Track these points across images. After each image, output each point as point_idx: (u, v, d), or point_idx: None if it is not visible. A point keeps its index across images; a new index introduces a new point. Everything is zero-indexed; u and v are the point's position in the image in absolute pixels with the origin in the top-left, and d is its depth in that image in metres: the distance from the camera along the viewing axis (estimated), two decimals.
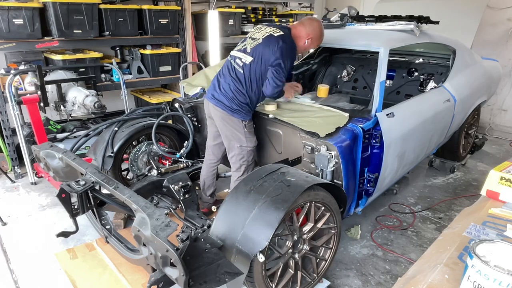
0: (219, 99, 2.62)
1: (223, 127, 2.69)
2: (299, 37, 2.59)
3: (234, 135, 2.66)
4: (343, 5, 3.82)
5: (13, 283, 2.50)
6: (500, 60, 4.74)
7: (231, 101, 2.57)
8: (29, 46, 3.93)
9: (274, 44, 2.47)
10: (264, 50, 2.49)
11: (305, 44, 2.62)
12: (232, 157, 2.77)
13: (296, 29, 2.60)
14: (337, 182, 2.44)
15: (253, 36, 2.63)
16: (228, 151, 2.80)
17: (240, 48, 2.67)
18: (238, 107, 2.58)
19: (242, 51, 2.62)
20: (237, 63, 2.61)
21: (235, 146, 2.69)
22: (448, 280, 1.24)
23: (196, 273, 1.68)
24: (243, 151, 2.69)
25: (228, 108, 2.58)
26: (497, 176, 1.73)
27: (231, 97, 2.58)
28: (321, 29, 2.64)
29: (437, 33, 3.39)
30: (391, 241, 2.98)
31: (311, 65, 4.34)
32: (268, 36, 2.53)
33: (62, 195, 2.28)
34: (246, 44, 2.63)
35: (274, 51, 2.46)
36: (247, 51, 2.58)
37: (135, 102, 5.58)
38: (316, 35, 2.61)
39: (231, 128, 2.65)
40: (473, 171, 4.32)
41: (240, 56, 2.61)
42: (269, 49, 2.48)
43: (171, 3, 5.07)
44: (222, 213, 2.02)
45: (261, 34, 2.58)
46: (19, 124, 3.65)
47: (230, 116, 2.60)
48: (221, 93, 2.62)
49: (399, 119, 2.72)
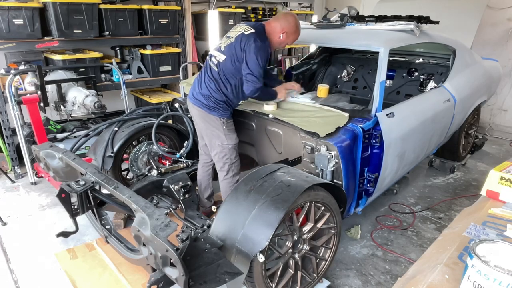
0: (197, 98, 2.65)
1: (203, 125, 2.71)
2: (273, 33, 2.59)
3: (214, 133, 2.68)
4: (343, 5, 3.82)
5: (13, 283, 2.50)
6: (500, 60, 4.73)
7: (208, 99, 2.60)
8: (29, 46, 3.93)
9: (244, 42, 2.49)
10: (236, 48, 2.52)
11: (280, 38, 2.60)
12: (214, 156, 2.77)
13: (270, 25, 2.61)
14: (337, 182, 2.44)
15: (229, 34, 2.67)
16: (210, 150, 2.80)
17: (216, 47, 2.71)
18: (214, 104, 2.60)
19: (217, 50, 2.66)
20: (212, 61, 2.66)
21: (216, 144, 2.70)
22: (448, 280, 1.24)
23: (196, 273, 1.68)
24: (224, 149, 2.69)
25: (205, 106, 2.61)
26: (497, 176, 1.73)
27: (207, 95, 2.60)
28: (296, 23, 2.62)
29: (437, 33, 3.38)
30: (391, 241, 2.98)
31: (311, 65, 4.34)
32: (240, 34, 2.56)
33: (62, 195, 2.28)
34: (222, 43, 2.67)
35: (244, 49, 2.49)
36: (221, 49, 2.62)
37: (135, 102, 5.58)
38: (290, 29, 2.60)
39: (210, 126, 2.67)
40: (473, 171, 4.32)
41: (215, 55, 2.66)
42: (240, 47, 2.50)
43: (171, 3, 5.07)
44: (222, 213, 2.02)
45: (235, 33, 2.61)
46: (19, 124, 3.65)
47: (208, 114, 2.62)
48: (199, 92, 2.65)
49: (399, 119, 2.72)
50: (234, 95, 2.63)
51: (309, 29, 3.51)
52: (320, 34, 3.27)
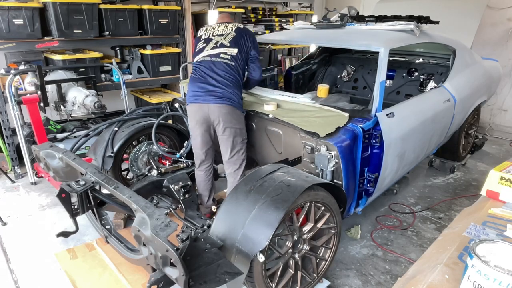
0: (222, 96, 2.63)
1: (229, 123, 2.67)
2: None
3: (239, 130, 2.72)
4: (343, 5, 3.82)
5: (13, 283, 2.50)
6: (500, 60, 4.73)
7: (233, 94, 2.66)
8: (29, 46, 3.93)
9: (246, 33, 2.80)
10: (242, 40, 2.75)
11: None
12: (234, 155, 2.76)
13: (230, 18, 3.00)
14: (337, 182, 2.44)
15: (217, 33, 2.80)
16: (231, 150, 2.75)
17: (212, 46, 2.76)
18: (238, 99, 2.69)
19: (218, 47, 2.73)
20: (223, 57, 2.69)
21: (238, 141, 2.73)
22: (448, 280, 1.24)
23: (196, 273, 1.68)
24: (244, 145, 2.77)
25: (233, 102, 2.65)
26: (497, 176, 1.73)
27: (231, 91, 2.65)
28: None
29: (437, 33, 3.39)
30: (391, 241, 2.98)
31: (311, 65, 4.35)
32: (237, 28, 2.81)
33: (62, 195, 2.28)
34: (217, 40, 2.76)
35: (250, 39, 2.79)
36: (226, 44, 2.71)
37: (135, 102, 5.58)
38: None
39: (237, 122, 2.70)
40: (473, 171, 4.32)
41: (223, 51, 2.70)
42: (245, 38, 2.77)
43: (171, 3, 5.07)
44: (222, 213, 2.02)
45: (228, 29, 2.79)
46: (19, 124, 3.65)
47: (235, 109, 2.67)
48: (220, 90, 2.63)
49: (399, 119, 2.72)
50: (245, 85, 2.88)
51: (309, 29, 3.52)
52: (320, 34, 3.27)
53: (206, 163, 2.93)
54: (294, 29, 3.65)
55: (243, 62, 2.75)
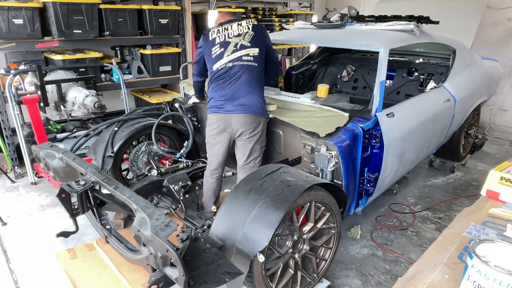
0: (247, 105, 2.52)
1: (252, 132, 2.58)
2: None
3: (261, 137, 2.63)
4: (343, 5, 3.82)
5: (13, 283, 2.50)
6: (500, 60, 4.74)
7: (257, 101, 2.55)
8: (29, 46, 3.93)
9: (263, 29, 2.71)
10: (261, 38, 2.65)
11: None
12: (250, 162, 2.66)
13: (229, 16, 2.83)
14: (337, 182, 2.44)
15: (234, 34, 2.60)
16: (248, 156, 2.66)
17: (232, 49, 2.55)
18: (261, 105, 2.59)
19: (239, 49, 2.54)
20: (244, 60, 2.53)
21: (257, 148, 2.64)
22: (448, 280, 1.24)
23: (196, 273, 1.68)
24: (261, 153, 2.70)
25: (256, 109, 2.54)
26: (497, 176, 1.73)
27: (256, 97, 2.54)
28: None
29: (437, 33, 3.39)
30: (391, 241, 2.98)
31: (311, 65, 4.35)
32: (253, 25, 2.67)
33: (62, 195, 2.28)
34: (235, 42, 2.56)
35: (266, 36, 2.72)
36: (246, 45, 2.56)
37: (135, 102, 5.58)
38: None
39: (260, 130, 2.60)
40: (473, 171, 4.32)
41: (244, 53, 2.54)
42: (263, 35, 2.69)
43: (171, 3, 5.07)
44: (222, 213, 2.02)
45: (243, 27, 2.63)
46: (19, 124, 3.65)
47: (259, 117, 2.56)
48: (244, 98, 2.52)
49: (399, 119, 2.72)
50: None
51: (309, 29, 3.52)
52: (320, 34, 3.27)
53: (219, 171, 2.87)
54: (294, 29, 3.65)
55: (263, 62, 2.65)
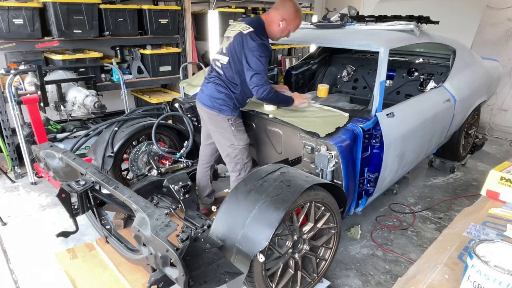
0: (205, 99, 2.65)
1: (211, 126, 2.70)
2: (272, 22, 2.52)
3: (223, 135, 2.66)
4: (343, 5, 3.82)
5: (13, 283, 2.50)
6: (500, 60, 4.73)
7: (215, 101, 2.59)
8: (29, 46, 3.93)
9: (245, 42, 2.42)
10: (237, 49, 2.46)
11: (280, 27, 2.52)
12: (226, 157, 2.75)
13: (269, 15, 2.54)
14: (337, 182, 2.44)
15: (228, 35, 2.60)
16: (220, 151, 2.79)
17: (218, 51, 2.69)
18: (220, 105, 2.58)
19: (220, 53, 2.64)
20: (217, 65, 2.65)
21: (226, 145, 2.68)
22: (448, 280, 1.24)
23: (196, 273, 1.68)
24: (235, 150, 2.67)
25: (212, 107, 2.60)
26: (497, 176, 1.73)
27: (214, 97, 2.59)
28: (295, 8, 2.52)
29: (437, 33, 3.38)
30: (391, 241, 2.98)
31: (311, 65, 4.35)
32: (237, 34, 2.48)
33: (62, 195, 2.28)
34: (223, 44, 2.65)
35: (245, 51, 2.42)
36: (223, 51, 2.60)
37: (135, 102, 5.58)
38: (290, 16, 2.51)
39: (219, 127, 2.65)
40: (473, 171, 4.32)
41: (218, 58, 2.64)
42: (240, 47, 2.44)
43: (171, 3, 5.07)
44: (222, 213, 2.02)
45: (233, 32, 2.54)
46: (19, 124, 3.65)
47: (216, 114, 2.60)
48: (206, 93, 2.65)
49: (399, 119, 2.72)
50: (243, 96, 2.63)
51: (309, 29, 3.51)
52: (320, 34, 3.27)
53: (203, 159, 3.01)
54: None
55: (235, 72, 2.52)
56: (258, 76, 2.41)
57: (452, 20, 3.99)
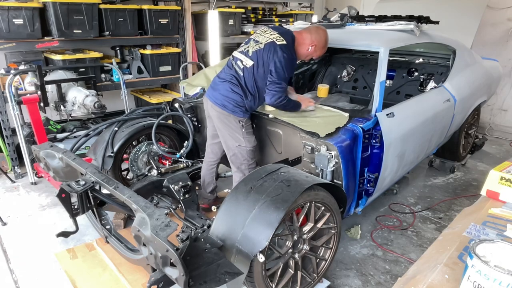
0: (217, 98, 2.63)
1: (221, 126, 2.69)
2: (302, 44, 2.60)
3: (232, 135, 2.66)
4: (343, 5, 3.82)
5: (13, 283, 2.50)
6: (500, 60, 4.73)
7: (228, 101, 2.58)
8: (29, 46, 3.93)
9: (276, 53, 2.48)
10: (265, 56, 2.50)
11: (308, 51, 2.62)
12: (231, 157, 2.76)
13: (302, 35, 2.61)
14: (337, 182, 2.44)
15: (257, 39, 2.62)
16: (226, 151, 2.80)
17: (242, 50, 2.67)
18: (234, 106, 2.58)
19: (244, 54, 2.62)
20: (238, 65, 2.62)
21: (234, 146, 2.69)
22: (448, 280, 1.24)
23: (196, 273, 1.68)
24: (242, 151, 2.69)
25: (224, 107, 2.59)
26: (497, 176, 1.73)
27: (228, 97, 2.58)
28: (326, 38, 2.65)
29: (437, 33, 3.38)
30: (391, 241, 2.98)
31: (311, 65, 4.34)
32: (270, 42, 2.53)
33: (62, 195, 2.28)
34: (249, 46, 2.63)
35: (274, 60, 2.47)
36: (249, 54, 2.58)
37: (135, 102, 5.58)
38: (320, 44, 2.62)
39: (228, 127, 2.65)
40: (473, 171, 4.32)
41: (241, 59, 2.62)
42: (270, 57, 2.49)
43: (171, 3, 5.07)
44: (222, 213, 2.02)
45: (265, 38, 2.57)
46: (19, 124, 3.65)
47: (227, 115, 2.60)
48: (219, 92, 2.63)
49: (399, 119, 2.72)
50: (256, 101, 2.62)
51: None
52: None
53: (210, 157, 3.03)
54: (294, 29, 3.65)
55: (255, 78, 2.54)
56: (278, 86, 2.49)
57: (452, 20, 3.99)
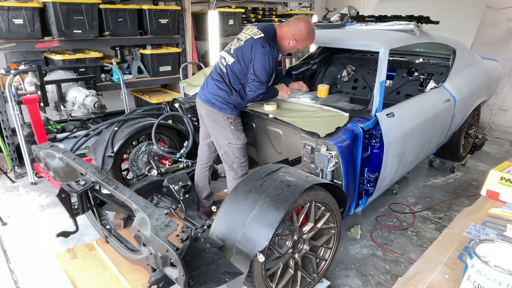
0: (205, 96, 2.67)
1: (210, 124, 2.71)
2: (284, 37, 2.57)
3: (222, 133, 2.67)
4: (343, 5, 3.82)
5: (13, 283, 2.50)
6: (500, 60, 4.73)
7: (215, 99, 2.61)
8: (29, 46, 3.93)
9: (253, 47, 2.47)
10: (244, 52, 2.51)
11: (289, 45, 2.59)
12: (222, 155, 2.76)
13: (282, 29, 2.58)
14: (337, 182, 2.44)
15: (239, 36, 2.66)
16: (218, 149, 2.80)
17: (227, 48, 2.71)
18: (221, 103, 2.60)
19: (227, 52, 2.66)
20: (221, 62, 2.67)
21: (224, 144, 2.69)
22: (448, 280, 1.24)
23: (196, 273, 1.68)
24: (233, 149, 2.68)
25: (212, 105, 2.62)
26: (497, 176, 1.73)
27: (215, 94, 2.62)
28: (308, 29, 2.56)
29: (437, 33, 3.38)
30: (391, 241, 2.98)
31: (311, 65, 4.34)
32: (249, 38, 2.53)
33: (62, 195, 2.28)
34: (232, 45, 2.67)
35: (252, 54, 2.46)
36: (231, 52, 2.62)
37: (135, 102, 5.58)
38: (301, 37, 2.56)
39: (218, 125, 2.66)
40: (473, 171, 4.32)
41: (224, 56, 2.66)
42: (249, 52, 2.49)
43: (171, 3, 5.07)
44: (222, 213, 2.02)
45: (245, 35, 2.60)
46: (19, 124, 3.65)
47: (216, 112, 2.62)
48: (207, 90, 2.67)
49: (399, 119, 2.72)
50: (243, 97, 2.62)
51: None
52: (320, 34, 3.26)
53: (202, 159, 3.00)
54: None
55: (237, 74, 2.56)
56: (257, 84, 2.49)
57: (452, 20, 3.98)
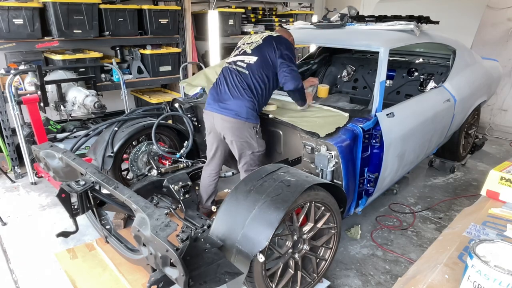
0: (228, 108, 2.52)
1: (235, 137, 2.57)
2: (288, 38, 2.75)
3: (247, 143, 2.58)
4: (343, 5, 3.82)
5: (13, 283, 2.50)
6: (500, 60, 4.73)
7: (241, 107, 2.50)
8: (29, 46, 3.93)
9: (276, 41, 2.60)
10: (267, 49, 2.58)
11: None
12: (244, 165, 2.67)
13: (285, 33, 2.77)
14: (337, 182, 2.44)
15: (248, 41, 2.69)
16: (239, 160, 2.69)
17: (237, 53, 2.69)
18: (248, 111, 2.50)
19: (241, 54, 2.64)
20: (239, 65, 2.59)
21: (248, 154, 2.62)
22: (448, 280, 1.24)
23: (196, 273, 1.68)
24: (255, 157, 2.64)
25: (238, 115, 2.50)
26: (497, 176, 1.73)
27: (240, 103, 2.50)
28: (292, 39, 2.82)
29: (437, 33, 3.39)
30: (391, 241, 2.98)
31: (311, 65, 4.35)
32: (267, 36, 2.66)
33: (62, 195, 2.28)
34: (244, 48, 2.66)
35: (278, 47, 2.57)
36: (248, 52, 2.60)
37: (135, 102, 5.58)
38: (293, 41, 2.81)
39: (244, 136, 2.55)
40: (473, 171, 4.32)
41: (241, 59, 2.61)
42: (273, 46, 2.57)
43: (171, 3, 5.07)
44: (222, 213, 2.02)
45: (258, 37, 2.66)
46: (19, 124, 3.65)
47: (243, 123, 2.51)
48: (228, 101, 2.54)
49: (399, 119, 2.72)
50: (263, 98, 2.60)
51: (309, 29, 3.52)
52: (320, 34, 3.27)
53: (212, 168, 2.92)
54: (294, 29, 3.65)
55: (263, 71, 2.53)
56: (294, 69, 2.55)
57: (452, 20, 3.99)
